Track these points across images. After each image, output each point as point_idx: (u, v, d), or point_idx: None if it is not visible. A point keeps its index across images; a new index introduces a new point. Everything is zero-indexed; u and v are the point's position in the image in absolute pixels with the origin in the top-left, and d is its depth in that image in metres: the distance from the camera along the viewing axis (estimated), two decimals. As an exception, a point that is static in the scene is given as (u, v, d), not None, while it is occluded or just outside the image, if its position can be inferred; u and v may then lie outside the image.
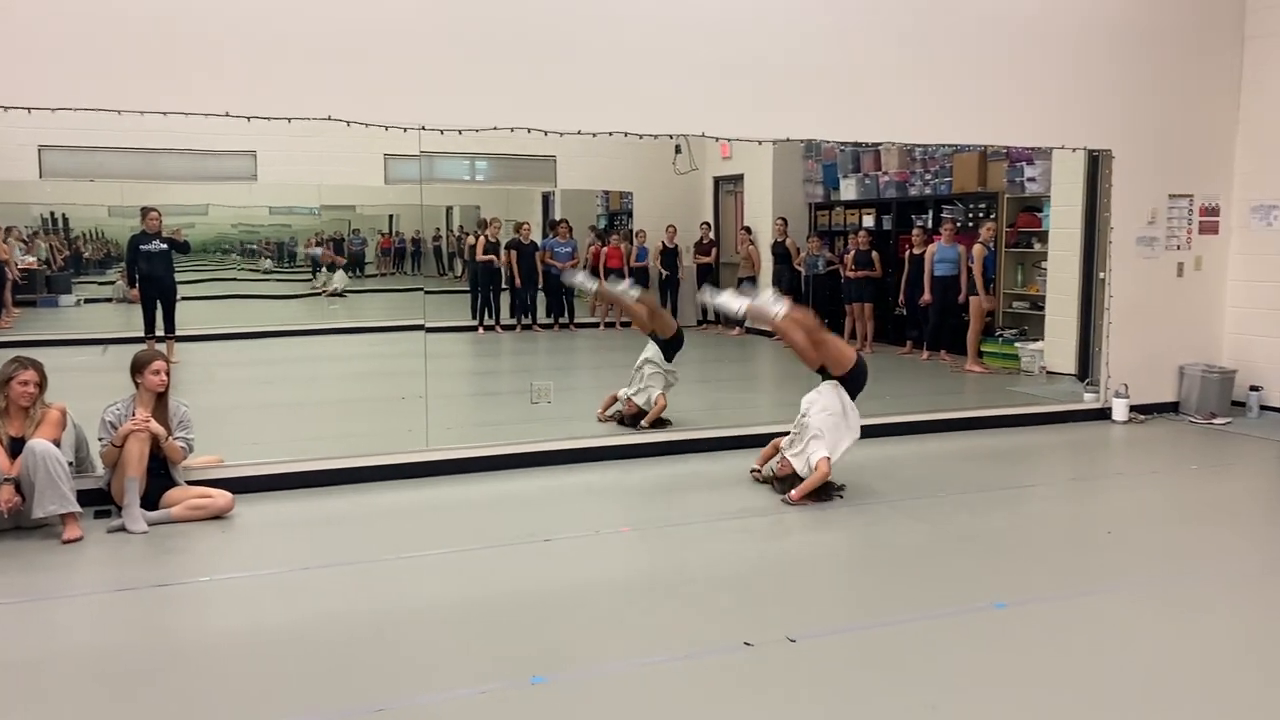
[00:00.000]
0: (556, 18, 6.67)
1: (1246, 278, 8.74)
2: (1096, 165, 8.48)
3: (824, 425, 5.83)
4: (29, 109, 5.54)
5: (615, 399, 7.74)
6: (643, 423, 7.44)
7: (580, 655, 3.84)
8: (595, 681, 3.62)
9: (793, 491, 5.78)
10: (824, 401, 5.93)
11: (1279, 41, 8.37)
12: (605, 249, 13.71)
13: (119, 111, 5.65)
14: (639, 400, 7.53)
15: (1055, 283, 9.72)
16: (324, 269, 15.37)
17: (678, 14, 6.95)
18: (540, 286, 13.55)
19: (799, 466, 5.87)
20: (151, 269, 10.16)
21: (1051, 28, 7.96)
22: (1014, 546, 5.22)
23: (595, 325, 13.59)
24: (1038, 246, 10.48)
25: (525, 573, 4.76)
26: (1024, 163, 10.48)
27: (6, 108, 5.50)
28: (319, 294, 15.00)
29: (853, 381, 6.03)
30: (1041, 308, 10.10)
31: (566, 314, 13.53)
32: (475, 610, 4.30)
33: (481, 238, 13.33)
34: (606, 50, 6.78)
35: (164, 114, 5.76)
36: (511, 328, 13.02)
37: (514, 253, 13.20)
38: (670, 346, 7.71)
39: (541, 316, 13.56)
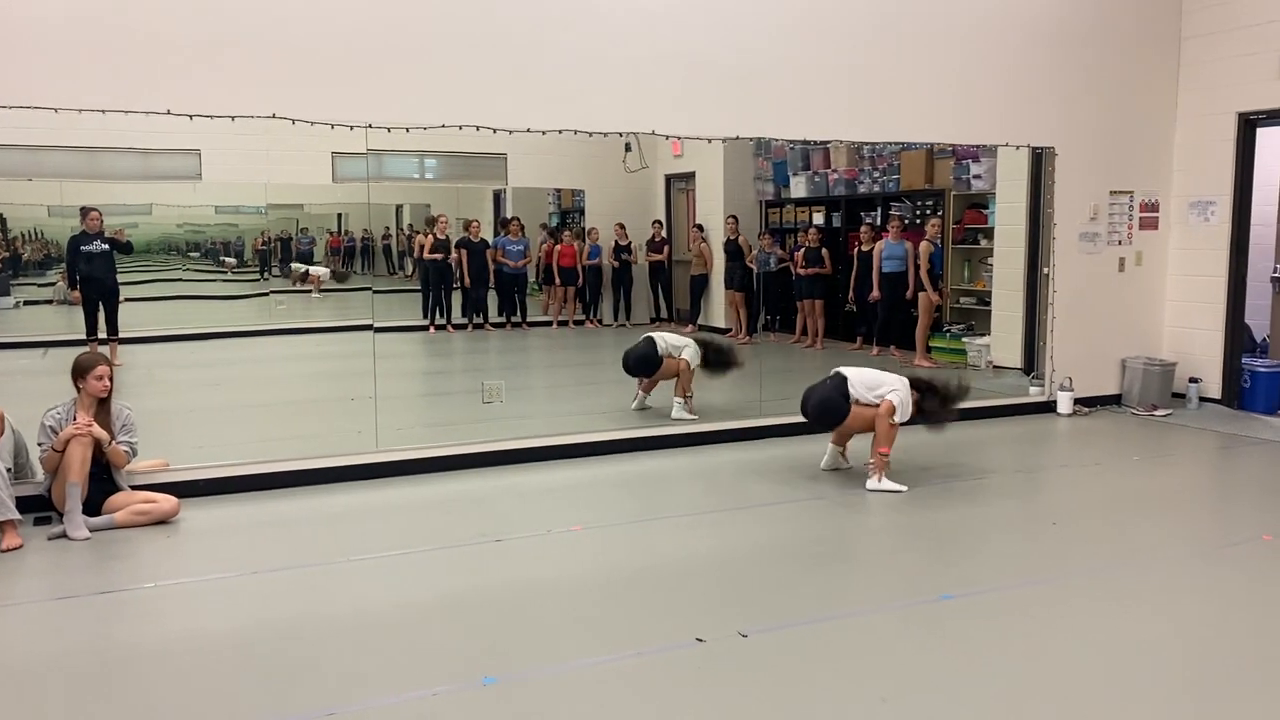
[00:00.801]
0: (505, 15, 6.64)
1: (1185, 272, 8.95)
2: (1040, 162, 8.63)
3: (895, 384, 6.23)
4: (-38, 106, 5.40)
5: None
6: (679, 397, 7.74)
7: (532, 655, 3.83)
8: (547, 681, 3.62)
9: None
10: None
11: (1214, 41, 8.57)
12: (558, 247, 13.68)
13: (55, 110, 5.52)
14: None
15: (1001, 278, 9.86)
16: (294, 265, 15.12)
17: (627, 12, 6.96)
18: (491, 285, 13.48)
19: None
20: (93, 270, 9.94)
21: (995, 28, 8.09)
22: (961, 538, 5.30)
23: (548, 324, 13.55)
24: (984, 243, 10.63)
25: (477, 573, 4.74)
26: (970, 160, 10.63)
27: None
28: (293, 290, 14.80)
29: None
30: (988, 303, 10.25)
31: (518, 312, 13.49)
32: (426, 612, 4.27)
33: (429, 236, 13.23)
34: (556, 48, 6.76)
35: (103, 112, 5.65)
36: (463, 327, 12.94)
37: (464, 251, 13.12)
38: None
39: (493, 315, 13.50)
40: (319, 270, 15.20)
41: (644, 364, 7.96)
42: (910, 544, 5.21)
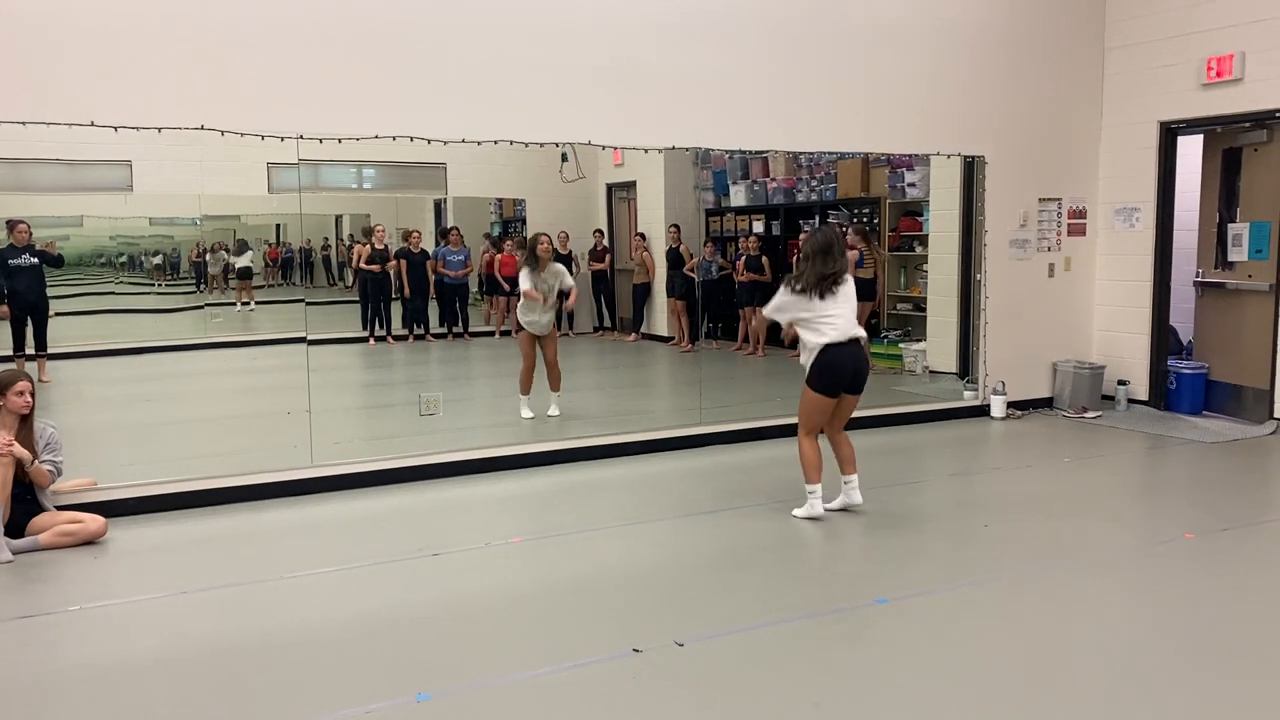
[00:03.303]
0: (438, 24, 6.62)
1: (1112, 277, 9.17)
2: (971, 171, 8.80)
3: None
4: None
5: None
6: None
7: (467, 670, 3.81)
8: (482, 695, 3.60)
9: None
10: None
11: (1136, 52, 8.82)
12: (499, 256, 13.62)
13: (-27, 121, 5.39)
14: None
15: (935, 284, 10.03)
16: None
17: (561, 21, 6.97)
18: (432, 295, 13.38)
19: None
20: (21, 284, 9.70)
21: (927, 39, 8.24)
22: (895, 542, 5.37)
23: (490, 334, 13.48)
24: (919, 250, 10.81)
25: (413, 588, 4.70)
26: (904, 169, 10.80)
27: None
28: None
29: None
30: (923, 309, 10.42)
31: (460, 323, 13.40)
32: (361, 629, 4.23)
33: (365, 246, 13.08)
34: (490, 57, 6.75)
35: (23, 124, 5.52)
36: (404, 338, 12.83)
37: (404, 262, 13.01)
38: None
39: (434, 326, 13.40)
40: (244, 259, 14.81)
41: None
42: (845, 549, 5.27)
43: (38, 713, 3.54)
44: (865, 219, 11.36)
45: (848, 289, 5.60)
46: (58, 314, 10.34)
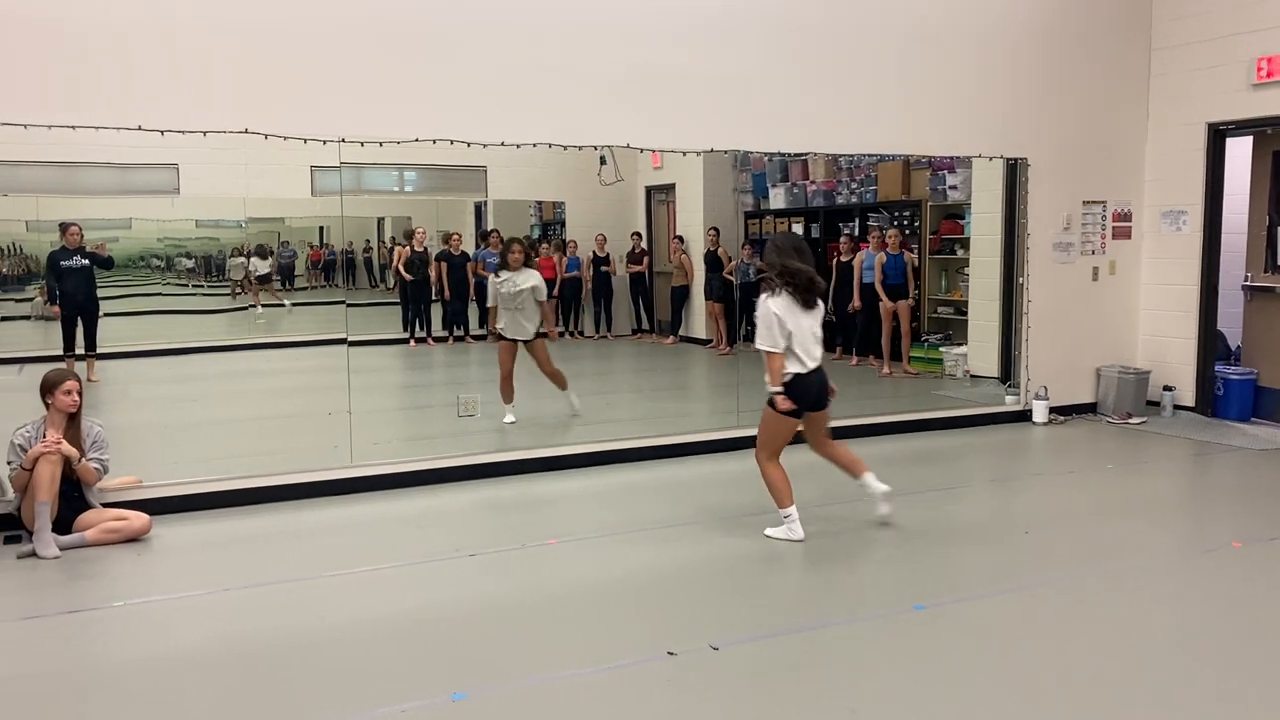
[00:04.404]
0: (478, 28, 6.66)
1: (1158, 281, 9.02)
2: (1014, 173, 8.70)
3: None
4: (-69, 123, 5.39)
5: None
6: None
7: (502, 670, 3.83)
8: (517, 696, 3.61)
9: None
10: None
11: (1184, 52, 8.66)
12: (537, 260, 13.67)
13: (25, 126, 5.50)
14: None
15: (977, 288, 9.93)
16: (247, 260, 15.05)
17: (601, 25, 6.98)
18: (471, 298, 13.46)
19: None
20: (72, 285, 9.90)
21: (969, 40, 8.16)
22: (933, 548, 5.31)
23: (530, 336, 13.54)
24: (960, 253, 10.70)
25: (449, 588, 4.73)
26: (946, 171, 10.70)
27: (-93, 123, 5.33)
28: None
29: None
30: (965, 313, 10.31)
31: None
32: (398, 628, 4.26)
33: (406, 249, 13.18)
34: (530, 61, 6.78)
35: (73, 128, 5.63)
36: (443, 340, 12.92)
37: (444, 264, 13.10)
38: None
39: (474, 328, 13.48)
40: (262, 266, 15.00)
41: None
42: (882, 554, 5.23)
43: (84, 705, 3.61)
44: (906, 222, 11.27)
45: (820, 306, 5.34)
46: (106, 315, 10.54)
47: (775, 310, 5.17)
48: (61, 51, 5.67)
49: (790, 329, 5.17)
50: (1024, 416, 8.66)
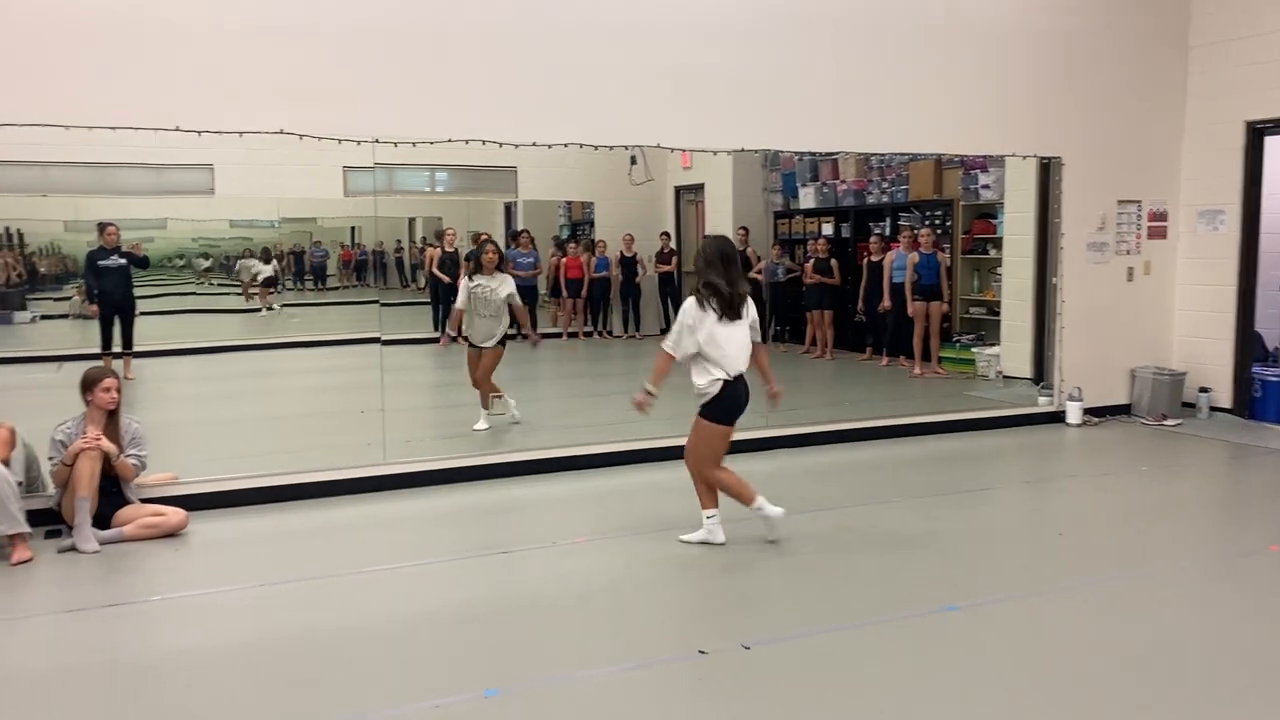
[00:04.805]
0: (511, 29, 6.69)
1: (1195, 281, 8.91)
2: (1048, 172, 8.62)
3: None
4: (-26, 125, 5.48)
5: None
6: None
7: (534, 667, 3.85)
8: (549, 693, 3.63)
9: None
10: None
11: (1221, 49, 8.56)
12: (564, 259, 13.72)
13: (66, 127, 5.59)
14: None
15: (1010, 288, 9.86)
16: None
17: (632, 25, 6.99)
18: (502, 297, 13.50)
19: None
20: (110, 284, 10.04)
21: (1002, 38, 8.10)
22: (966, 549, 5.28)
23: (558, 335, 13.58)
24: (993, 253, 10.63)
25: (481, 585, 4.76)
26: (978, 170, 10.63)
27: (-48, 124, 5.43)
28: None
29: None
30: (998, 313, 10.24)
31: (529, 324, 13.50)
32: (431, 624, 4.29)
33: (437, 249, 13.24)
34: (562, 61, 6.80)
35: (112, 129, 5.71)
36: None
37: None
38: None
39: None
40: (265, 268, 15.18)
41: None
42: (914, 555, 5.20)
43: (125, 697, 3.67)
44: (937, 221, 11.20)
45: (750, 312, 5.17)
46: (142, 313, 10.68)
47: (688, 320, 5.05)
48: (100, 54, 5.75)
49: (701, 338, 5.01)
50: (1057, 418, 8.58)
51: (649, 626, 4.29)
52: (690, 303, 5.11)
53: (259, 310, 14.88)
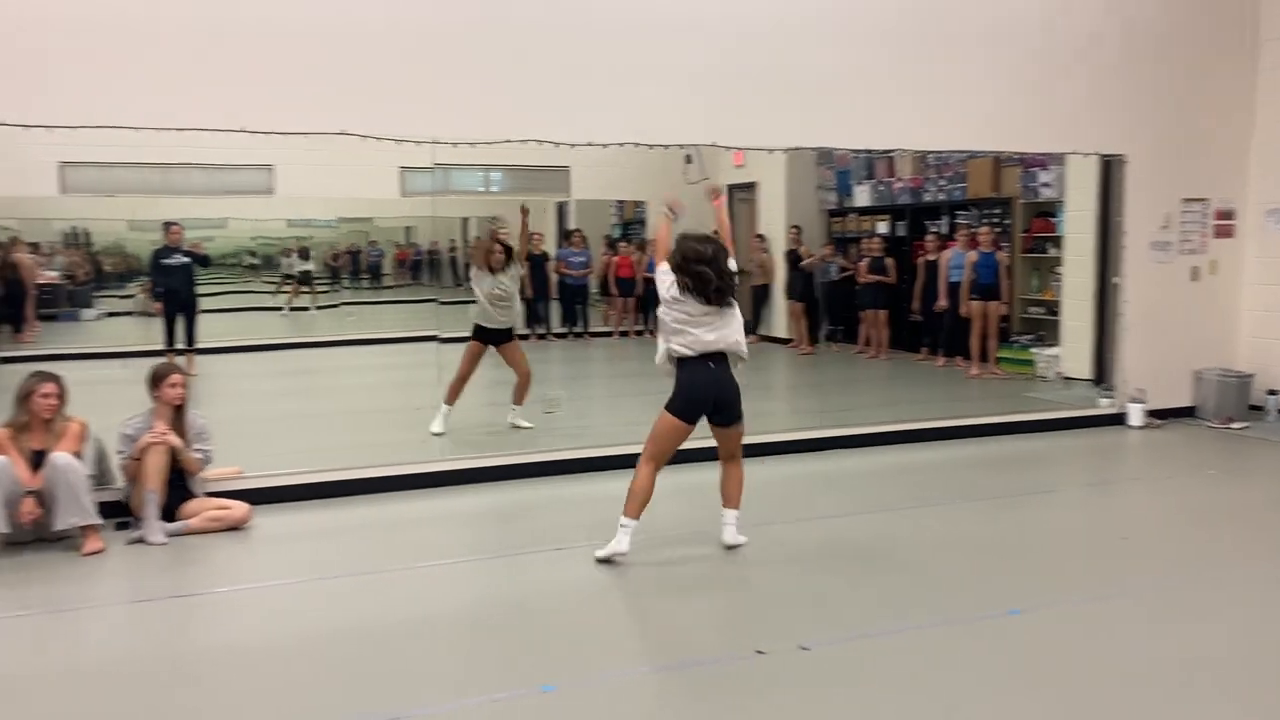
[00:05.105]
0: (568, 30, 6.71)
1: (1263, 281, 8.68)
2: (1110, 170, 8.46)
3: None
4: (49, 127, 5.62)
5: None
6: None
7: (592, 662, 3.87)
8: (605, 689, 3.64)
9: None
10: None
11: (1294, 43, 8.33)
12: (616, 259, 13.75)
13: (136, 129, 5.72)
14: None
15: (1070, 288, 9.69)
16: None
17: (687, 23, 6.97)
18: (554, 296, 13.59)
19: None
20: (174, 282, 10.26)
21: (1063, 33, 7.95)
22: (1028, 552, 5.21)
23: (608, 334, 13.62)
24: (1052, 251, 10.46)
25: (537, 581, 4.78)
26: (1038, 168, 10.47)
27: (28, 126, 5.57)
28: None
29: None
30: (1056, 313, 10.08)
31: (580, 323, 13.58)
32: (487, 618, 4.33)
33: None
34: (616, 61, 6.80)
35: (180, 130, 5.83)
36: (525, 338, 13.03)
37: (526, 263, 13.20)
38: None
39: (555, 326, 13.61)
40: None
41: None
42: (975, 557, 5.13)
43: (192, 686, 3.75)
44: (996, 220, 11.04)
45: (733, 311, 4.98)
46: (203, 311, 10.88)
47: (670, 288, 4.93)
48: (166, 56, 5.86)
49: (680, 314, 4.88)
50: (1118, 420, 8.41)
51: (704, 625, 4.28)
52: (669, 283, 4.96)
53: (307, 309, 15.12)
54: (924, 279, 11.15)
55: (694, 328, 4.91)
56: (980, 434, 7.98)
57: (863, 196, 12.82)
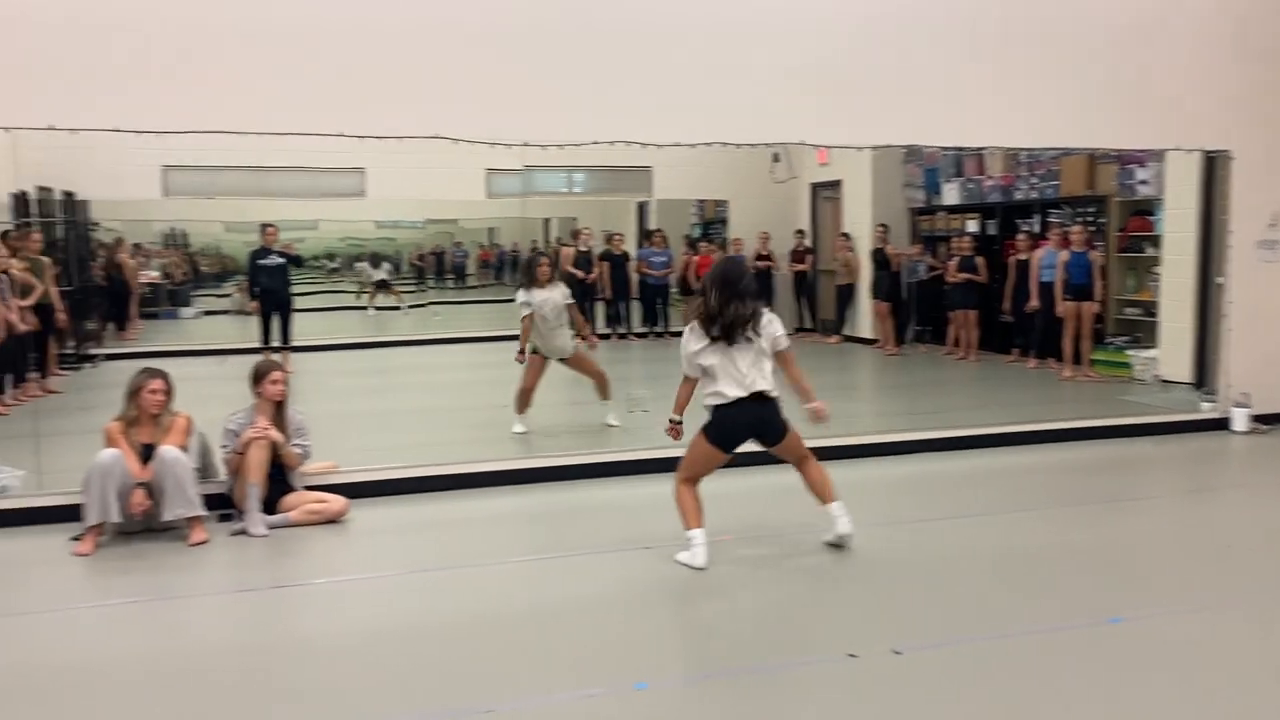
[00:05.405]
0: (653, 30, 6.72)
1: (1379, 281, 8.29)
2: (1213, 167, 8.17)
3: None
4: (159, 133, 5.83)
5: None
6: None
7: (682, 662, 3.88)
8: (696, 689, 3.65)
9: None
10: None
11: None
12: (696, 258, 13.74)
13: (240, 133, 5.90)
14: None
15: (1170, 288, 9.39)
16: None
17: (773, 22, 6.93)
18: (635, 296, 13.63)
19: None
20: (270, 282, 10.55)
21: (1165, 25, 7.70)
22: (1128, 560, 5.08)
23: (691, 334, 13.59)
24: (1150, 251, 10.15)
25: (626, 579, 4.80)
26: (1135, 165, 10.16)
27: (139, 132, 5.79)
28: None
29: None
30: (1154, 314, 9.77)
31: (661, 323, 13.60)
32: (578, 614, 4.37)
33: (571, 249, 13.43)
34: (703, 60, 6.78)
35: (282, 134, 6.00)
36: (606, 337, 13.09)
37: (606, 264, 13.30)
38: None
39: (636, 326, 13.66)
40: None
41: None
42: (1072, 564, 5.01)
43: (297, 673, 3.86)
44: (1090, 218, 10.76)
45: (763, 330, 4.89)
46: (296, 310, 11.18)
47: (687, 344, 4.93)
48: (272, 64, 6.04)
49: (700, 361, 4.87)
50: (1221, 425, 8.11)
51: (795, 627, 4.26)
52: (688, 328, 5.00)
53: (398, 308, 15.43)
54: (1015, 279, 10.90)
55: (716, 372, 4.85)
56: (1074, 438, 7.77)
57: (951, 194, 12.60)
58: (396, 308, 15.44)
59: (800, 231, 13.57)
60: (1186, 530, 5.68)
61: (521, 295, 7.58)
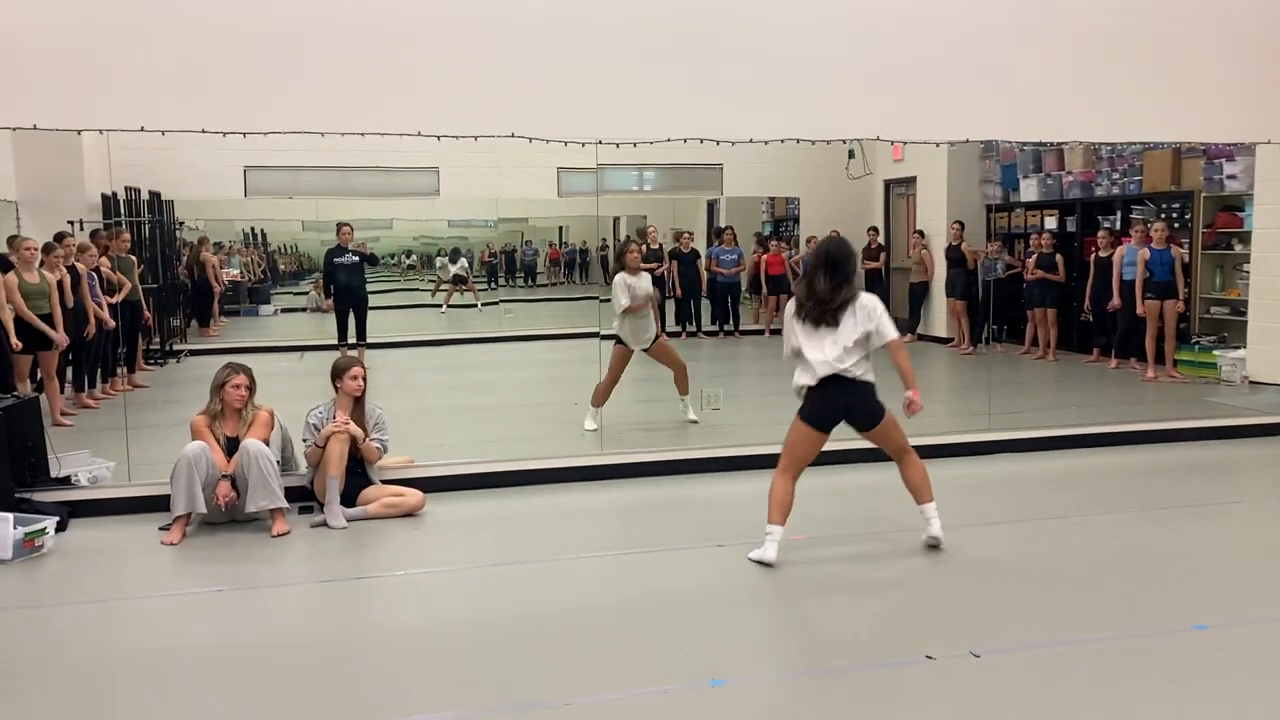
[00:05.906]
0: (725, 27, 6.70)
1: None
2: (1307, 160, 7.89)
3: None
4: (245, 134, 5.99)
5: None
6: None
7: (759, 660, 3.87)
8: (772, 687, 3.64)
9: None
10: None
11: None
12: (766, 256, 13.67)
13: (323, 134, 6.03)
14: None
15: (1260, 287, 9.09)
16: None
17: (848, 17, 6.87)
18: (705, 294, 13.61)
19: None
20: (347, 280, 10.76)
21: (1258, 13, 7.45)
22: (1214, 566, 4.92)
23: (760, 332, 13.55)
24: (1239, 248, 9.83)
25: (701, 575, 4.80)
26: (1223, 159, 9.84)
27: (225, 133, 5.96)
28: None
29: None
30: (1243, 313, 9.46)
31: (731, 321, 13.56)
32: (652, 610, 4.38)
33: (640, 247, 13.41)
34: (776, 56, 6.75)
35: (362, 135, 6.12)
36: (676, 335, 13.10)
37: (675, 262, 13.29)
38: None
39: (706, 324, 13.64)
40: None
41: None
42: (1156, 568, 4.88)
43: (375, 662, 3.93)
44: (1175, 214, 10.45)
45: (858, 313, 4.81)
46: (372, 308, 11.38)
47: (786, 323, 4.99)
48: (353, 66, 6.16)
49: (794, 341, 4.92)
50: (1314, 428, 7.83)
51: (867, 627, 4.22)
52: (788, 306, 5.03)
53: (474, 306, 15.60)
54: (1096, 277, 10.64)
55: (808, 352, 4.88)
56: (1158, 440, 7.56)
57: (1029, 191, 12.34)
58: (473, 305, 15.61)
59: (873, 229, 13.41)
60: (1274, 537, 5.50)
61: (624, 280, 7.53)
